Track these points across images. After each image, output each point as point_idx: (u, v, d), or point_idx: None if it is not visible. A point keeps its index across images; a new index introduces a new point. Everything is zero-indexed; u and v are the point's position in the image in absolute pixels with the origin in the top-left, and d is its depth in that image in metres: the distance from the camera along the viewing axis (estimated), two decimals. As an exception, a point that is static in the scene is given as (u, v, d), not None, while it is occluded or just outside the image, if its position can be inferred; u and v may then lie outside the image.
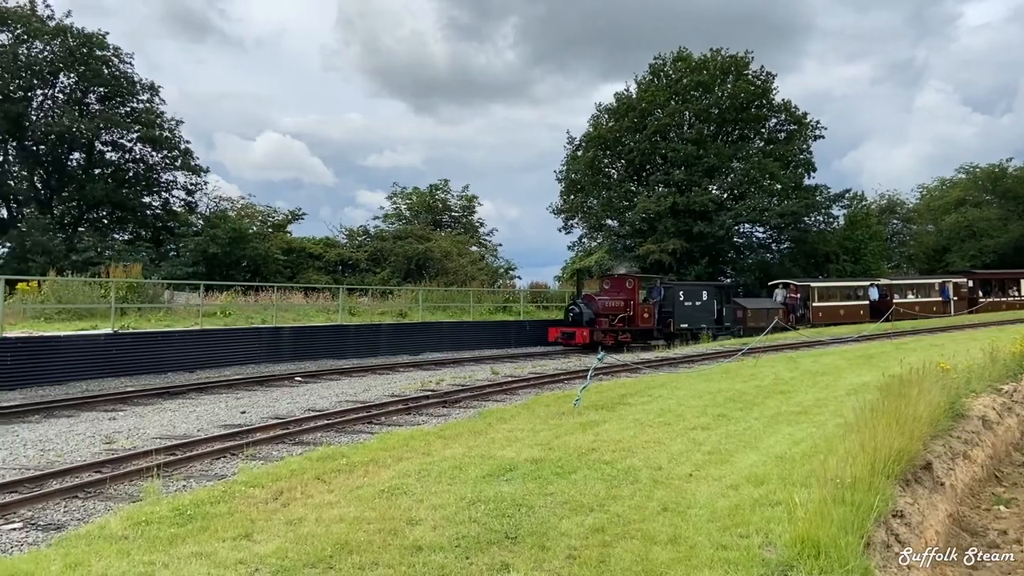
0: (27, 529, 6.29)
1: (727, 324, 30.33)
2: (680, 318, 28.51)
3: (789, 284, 35.56)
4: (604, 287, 28.34)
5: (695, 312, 29.03)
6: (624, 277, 28.45)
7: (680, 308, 28.55)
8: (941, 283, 41.44)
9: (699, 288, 29.92)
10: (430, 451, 8.65)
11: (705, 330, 29.26)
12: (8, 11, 37.45)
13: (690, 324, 28.85)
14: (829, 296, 36.05)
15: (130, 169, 41.77)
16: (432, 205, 48.85)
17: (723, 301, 30.57)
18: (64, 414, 12.44)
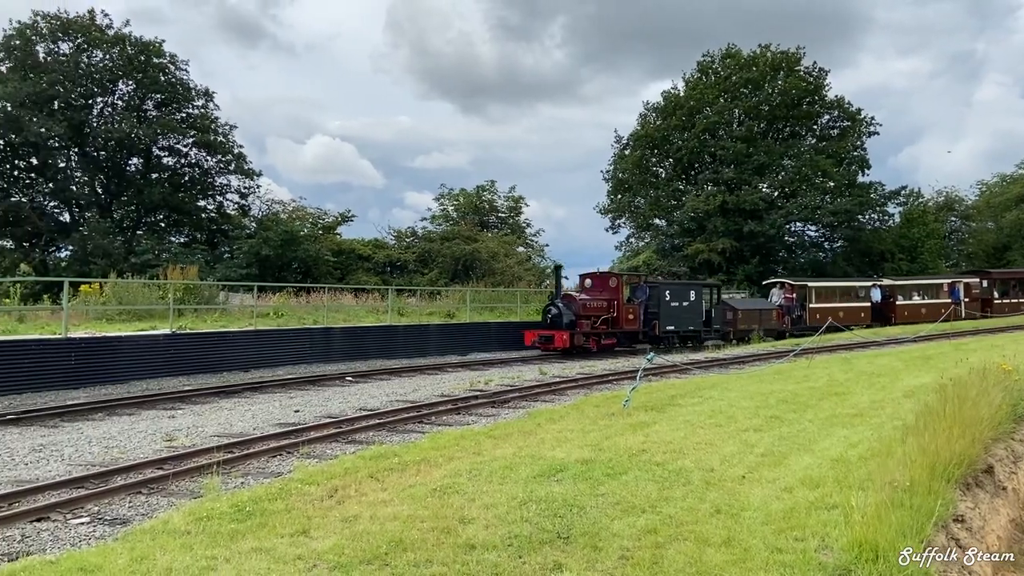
0: (94, 523, 6.52)
1: (716, 327, 27.83)
2: (666, 320, 26.04)
3: (785, 284, 32.97)
4: (586, 286, 25.90)
5: (682, 313, 26.58)
6: (607, 275, 26.09)
7: (666, 309, 26.03)
8: (951, 283, 38.07)
9: (686, 287, 27.58)
10: (480, 451, 8.72)
11: (693, 333, 27.07)
12: (70, 21, 38.76)
13: (677, 326, 26.39)
14: (827, 297, 33.32)
15: (186, 173, 42.87)
16: (479, 206, 49.09)
17: (712, 302, 28.25)
18: (126, 412, 12.82)
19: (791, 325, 30.44)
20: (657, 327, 25.63)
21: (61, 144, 39.26)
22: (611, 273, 26.34)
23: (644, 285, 26.23)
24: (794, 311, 31.07)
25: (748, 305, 30.07)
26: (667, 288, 26.44)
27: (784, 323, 30.19)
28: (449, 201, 49.54)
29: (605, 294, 25.06)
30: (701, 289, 28.03)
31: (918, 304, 36.04)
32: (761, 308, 29.87)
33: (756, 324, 28.69)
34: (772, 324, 29.40)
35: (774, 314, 29.74)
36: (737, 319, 28.27)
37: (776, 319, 29.66)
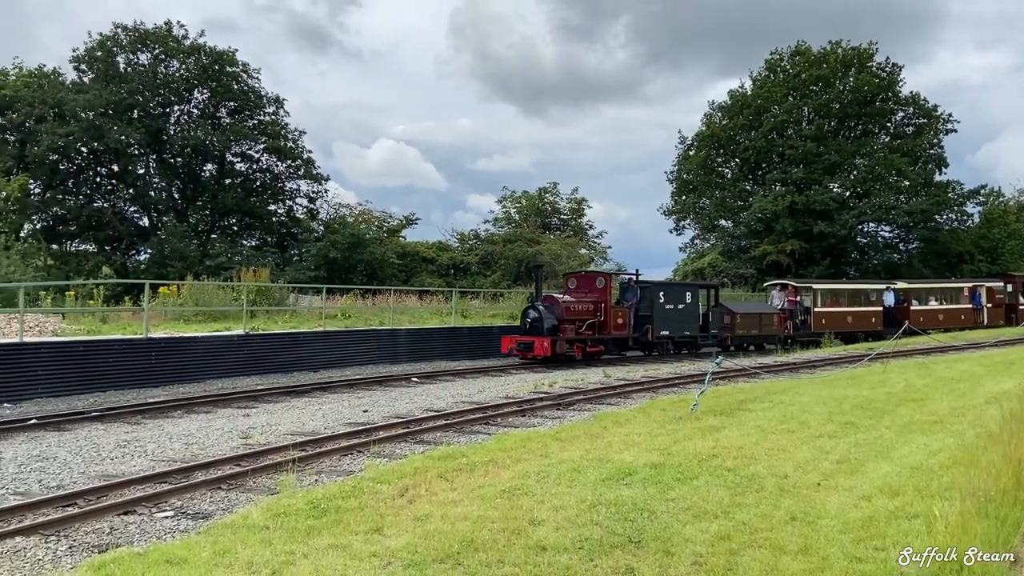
0: (178, 517, 6.76)
1: (713, 332, 25.42)
2: (660, 324, 23.74)
3: (787, 285, 29.86)
4: (570, 286, 23.56)
5: (677, 317, 24.24)
6: (593, 275, 23.80)
7: (660, 312, 23.73)
8: (972, 287, 35.18)
9: (682, 289, 25.25)
10: (547, 453, 8.73)
11: (689, 338, 24.96)
12: (148, 33, 40.28)
13: (671, 331, 24.16)
14: (835, 300, 30.21)
15: (257, 179, 44.08)
16: (541, 208, 49.15)
17: (709, 304, 25.91)
18: (203, 410, 13.25)
19: (793, 331, 28.04)
20: (650, 332, 23.51)
21: (140, 151, 40.85)
22: (598, 272, 24.31)
23: (635, 286, 24.22)
24: (798, 315, 28.57)
25: (747, 309, 27.63)
26: (660, 289, 24.36)
27: (786, 328, 27.76)
28: (511, 203, 49.75)
29: (591, 296, 22.69)
30: (697, 290, 25.89)
31: (935, 310, 33.21)
32: (762, 312, 27.35)
33: (756, 329, 26.46)
34: (773, 329, 27.04)
35: (775, 319, 27.25)
36: (735, 323, 25.95)
37: (777, 324, 27.26)
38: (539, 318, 21.01)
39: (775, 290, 29.90)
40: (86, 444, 10.05)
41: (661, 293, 23.99)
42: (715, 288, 27.00)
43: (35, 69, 40.41)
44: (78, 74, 40.23)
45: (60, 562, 5.56)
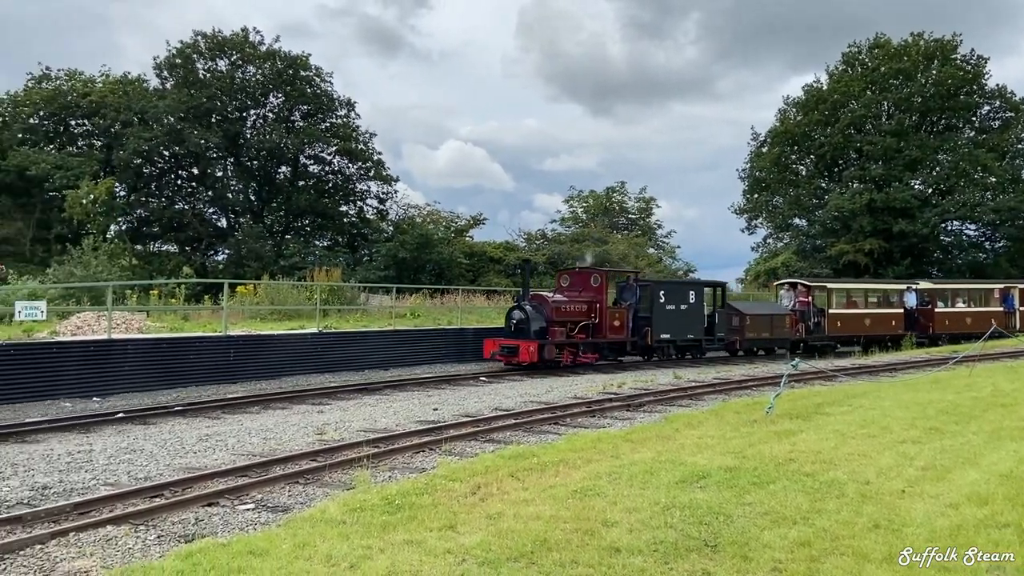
0: (258, 510, 6.96)
1: (720, 335, 23.43)
2: (660, 327, 21.71)
3: (798, 284, 27.27)
4: (562, 284, 21.48)
5: (680, 319, 22.20)
6: (588, 272, 21.48)
7: (661, 313, 21.72)
8: (1004, 289, 32.33)
9: (685, 288, 23.13)
10: (618, 454, 8.67)
11: (693, 342, 22.91)
12: (225, 39, 41.59)
13: (673, 334, 22.10)
14: (852, 301, 27.79)
15: (329, 180, 45.05)
16: (609, 207, 48.89)
17: (716, 305, 23.84)
18: (279, 406, 13.60)
19: (806, 334, 25.95)
20: (650, 335, 21.50)
21: (218, 154, 42.24)
22: (593, 269, 21.92)
23: (634, 284, 22.17)
24: (811, 316, 26.27)
25: (757, 310, 25.62)
26: (662, 288, 22.25)
27: (798, 331, 25.66)
28: (578, 203, 49.64)
29: (585, 295, 20.67)
30: (702, 290, 23.61)
31: (962, 312, 30.44)
32: (773, 314, 25.38)
33: (767, 332, 24.66)
34: (785, 332, 25.05)
35: (787, 320, 25.22)
36: (745, 326, 24.09)
37: (789, 326, 25.23)
38: (525, 319, 19.09)
39: (783, 289, 27.71)
40: (170, 437, 10.43)
41: (662, 292, 21.99)
42: (722, 287, 24.79)
43: (120, 77, 42.23)
44: (160, 81, 41.86)
45: (149, 551, 5.78)
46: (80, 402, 13.82)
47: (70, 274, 26.06)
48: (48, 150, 39.26)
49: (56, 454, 9.24)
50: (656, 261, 44.55)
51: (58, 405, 13.42)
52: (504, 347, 19.06)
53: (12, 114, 40.32)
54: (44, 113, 40.76)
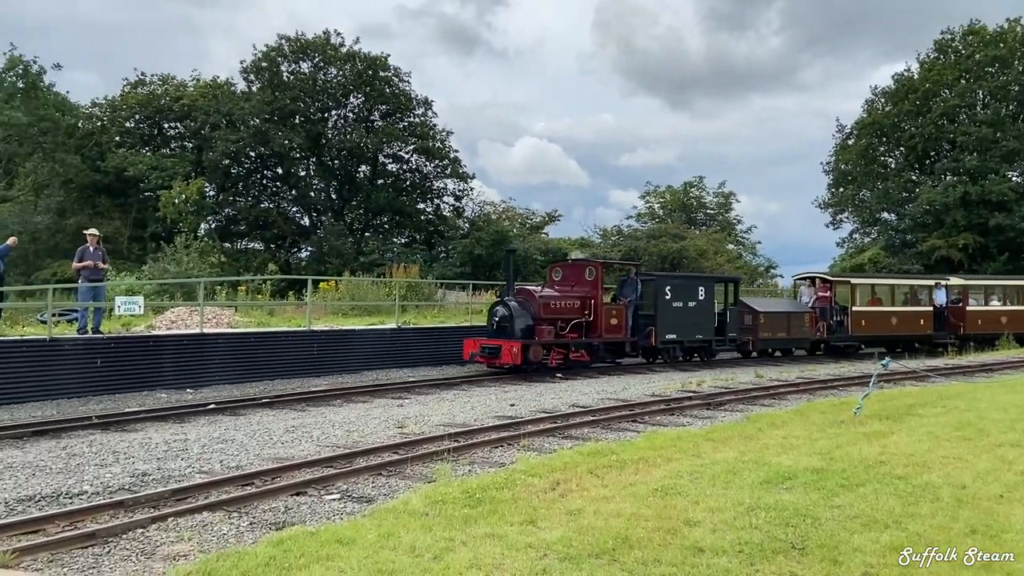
0: (344, 500, 7.14)
1: (731, 335, 21.52)
2: (665, 326, 19.85)
3: (817, 280, 25.13)
4: (554, 278, 19.58)
5: (687, 317, 20.34)
6: (582, 264, 19.63)
7: (666, 311, 19.87)
8: None
9: (693, 283, 21.03)
10: (699, 453, 8.55)
11: (701, 343, 20.99)
12: (308, 42, 42.71)
13: (679, 334, 20.25)
14: (877, 298, 25.45)
15: (407, 178, 45.79)
16: (686, 203, 48.16)
17: (727, 302, 21.96)
18: (361, 399, 13.91)
19: (828, 333, 23.96)
20: (654, 335, 19.63)
21: (301, 154, 43.45)
22: (587, 261, 19.90)
23: (634, 278, 20.09)
24: (832, 315, 24.20)
25: (773, 307, 23.68)
26: (667, 283, 20.24)
27: (818, 331, 23.72)
28: (655, 198, 49.05)
29: (578, 290, 18.71)
30: (712, 285, 21.61)
31: (996, 311, 27.54)
32: (791, 312, 23.45)
33: (783, 332, 22.81)
34: (804, 332, 23.24)
35: (807, 319, 23.33)
36: (759, 325, 22.24)
37: (809, 325, 23.35)
38: (508, 317, 17.26)
39: (804, 285, 25.57)
40: (259, 428, 10.80)
41: (667, 288, 20.05)
42: (734, 282, 22.92)
43: (210, 81, 43.85)
44: (247, 84, 43.29)
45: (243, 537, 6.00)
46: (175, 393, 14.45)
47: (164, 270, 27.25)
48: (144, 152, 41.11)
49: (154, 442, 9.69)
50: (736, 257, 43.65)
51: (154, 396, 14.06)
52: (485, 348, 17.26)
53: (111, 118, 42.37)
54: (140, 117, 42.70)
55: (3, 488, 7.36)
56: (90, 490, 7.34)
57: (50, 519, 6.29)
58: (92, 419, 11.06)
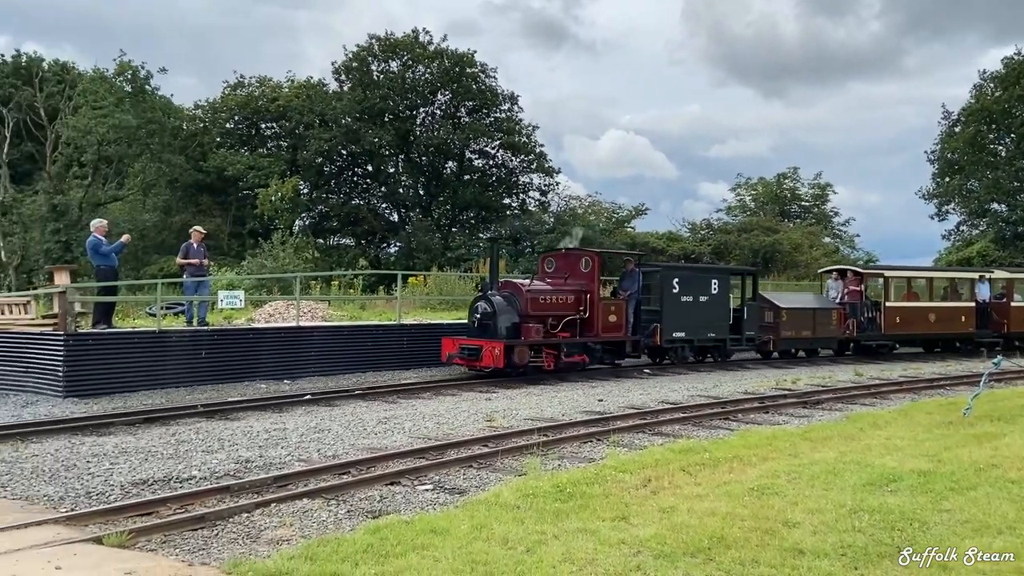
0: (437, 491, 7.26)
1: (748, 333, 19.42)
2: (672, 323, 17.92)
3: (848, 272, 23.09)
4: (546, 269, 17.64)
5: (698, 313, 18.39)
6: (576, 254, 17.47)
7: (672, 306, 17.91)
8: None
9: (704, 275, 19.17)
10: (797, 452, 8.32)
11: (714, 342, 18.98)
12: (397, 41, 43.49)
13: (689, 332, 18.29)
14: (913, 293, 23.22)
15: (493, 174, 46.08)
16: (780, 195, 46.78)
17: (744, 296, 19.86)
18: (449, 393, 14.09)
19: (857, 331, 21.73)
20: (659, 333, 17.65)
21: (390, 152, 44.32)
22: (583, 251, 17.80)
23: (636, 270, 17.97)
24: (863, 311, 22.05)
25: (797, 302, 21.41)
26: (673, 275, 18.30)
27: (847, 328, 21.48)
28: (746, 191, 47.86)
29: (572, 283, 16.77)
30: (727, 278, 19.63)
31: None
32: (816, 308, 21.24)
33: (808, 330, 20.69)
34: (830, 330, 21.07)
35: (834, 316, 21.19)
36: (780, 323, 20.13)
37: (837, 323, 21.20)
38: (491, 313, 15.48)
39: (831, 279, 23.30)
40: (353, 419, 11.08)
41: (674, 280, 18.05)
42: (752, 275, 20.72)
43: (304, 81, 45.19)
44: (338, 84, 44.43)
45: (341, 524, 6.18)
46: (273, 384, 14.98)
47: (261, 266, 28.30)
48: (242, 152, 42.74)
49: (255, 431, 10.08)
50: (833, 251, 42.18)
51: (254, 386, 14.60)
52: (464, 348, 15.50)
53: (212, 119, 44.22)
54: (238, 118, 44.38)
55: (119, 472, 7.80)
56: (198, 475, 7.69)
57: (162, 502, 6.63)
58: (198, 407, 11.59)
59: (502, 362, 14.90)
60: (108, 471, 7.81)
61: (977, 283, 24.29)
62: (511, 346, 15.15)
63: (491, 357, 14.95)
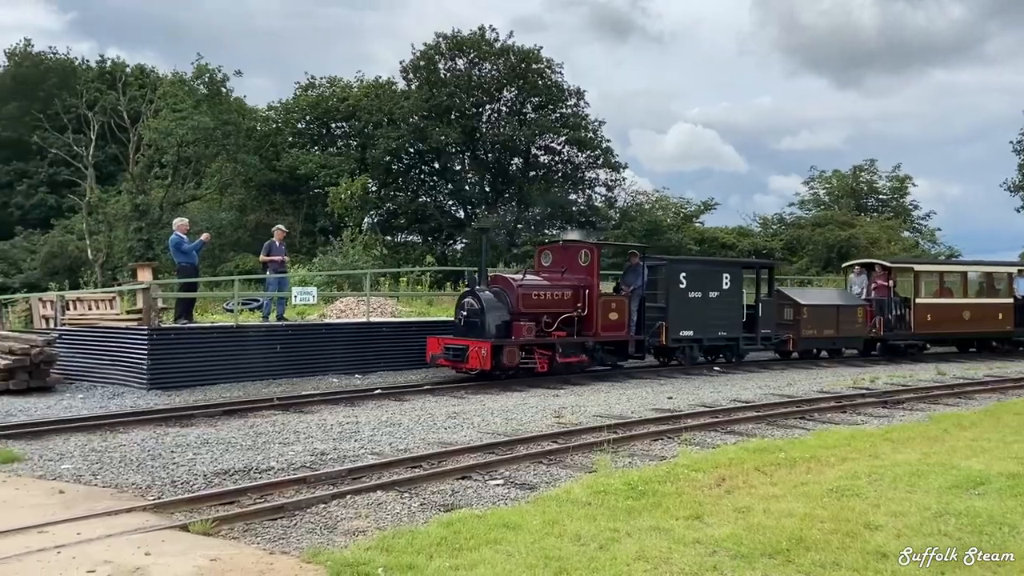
0: (507, 486, 7.28)
1: (764, 331, 17.97)
2: (679, 320, 16.65)
3: (874, 266, 21.48)
4: (542, 263, 16.54)
5: (708, 310, 17.03)
6: (575, 247, 16.27)
7: (679, 302, 16.65)
8: None
9: (715, 269, 17.75)
10: (877, 454, 8.07)
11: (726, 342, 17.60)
12: (464, 39, 43.77)
13: (697, 330, 16.99)
14: (946, 288, 21.62)
15: (559, 170, 45.98)
16: (856, 188, 45.36)
17: (759, 292, 18.34)
18: (516, 389, 14.09)
19: (885, 330, 20.17)
20: (664, 332, 16.43)
21: (456, 149, 44.65)
22: (581, 243, 16.56)
23: (640, 265, 16.69)
24: (891, 307, 20.50)
25: (818, 299, 20.06)
26: (681, 268, 17.02)
27: (874, 327, 19.93)
28: (820, 184, 46.54)
29: (570, 277, 15.61)
30: (740, 272, 18.10)
31: None
32: (840, 304, 19.78)
33: (831, 328, 19.24)
34: (855, 329, 19.58)
35: (859, 313, 19.69)
36: (801, 321, 18.74)
37: (862, 320, 19.68)
38: (479, 311, 14.33)
39: (854, 273, 21.74)
40: (422, 414, 11.22)
41: (682, 275, 16.79)
42: (768, 268, 19.24)
43: (372, 81, 45.92)
44: (406, 83, 44.98)
45: (414, 517, 6.26)
46: (344, 378, 15.27)
47: (332, 263, 28.88)
48: (313, 151, 43.70)
49: (329, 424, 10.30)
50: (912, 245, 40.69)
51: (327, 380, 14.92)
52: (449, 348, 14.35)
53: (284, 120, 45.35)
54: (310, 118, 45.39)
55: (201, 462, 8.08)
56: (276, 466, 7.90)
57: (243, 492, 6.83)
58: (274, 400, 11.91)
59: (489, 364, 13.73)
60: (191, 461, 8.10)
61: (1015, 278, 22.61)
62: (499, 346, 13.98)
63: (477, 358, 13.77)
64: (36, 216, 45.17)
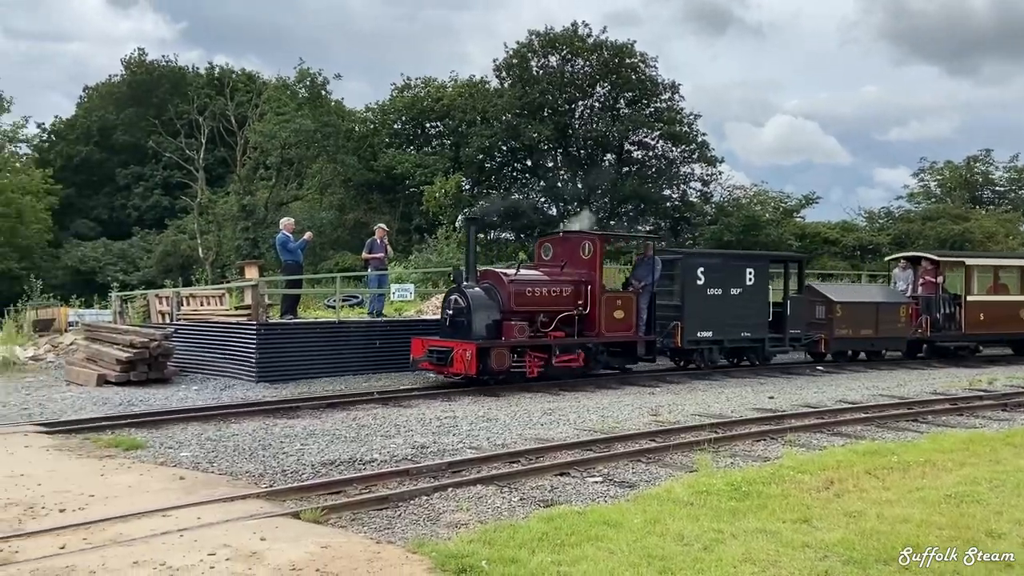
0: (606, 484, 7.25)
1: (793, 331, 16.52)
2: (696, 320, 15.26)
3: (921, 260, 19.60)
4: (542, 256, 15.27)
5: (728, 308, 15.53)
6: (576, 238, 14.87)
7: (696, 300, 15.24)
8: None
9: (737, 263, 16.26)
10: (998, 459, 7.66)
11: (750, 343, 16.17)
12: (556, 36, 43.73)
13: (717, 331, 15.55)
14: (1001, 284, 19.50)
15: (653, 165, 45.35)
16: (970, 180, 42.94)
17: (787, 289, 16.81)
18: (611, 386, 13.99)
19: (931, 330, 18.53)
20: (680, 333, 15.05)
21: (549, 146, 44.67)
22: (583, 234, 15.06)
23: (651, 259, 15.08)
24: (937, 307, 18.77)
25: (854, 296, 18.31)
26: (698, 263, 15.59)
27: (919, 327, 18.35)
28: (931, 176, 44.26)
29: (570, 271, 14.21)
30: (766, 267, 16.62)
31: None
32: (880, 302, 17.99)
33: (869, 328, 17.57)
34: (898, 329, 17.89)
35: (902, 312, 17.94)
36: (834, 320, 17.20)
37: (906, 319, 17.98)
38: (465, 309, 13.04)
39: (898, 268, 19.99)
40: (518, 410, 11.30)
41: (699, 270, 15.32)
42: (798, 262, 17.71)
43: (466, 80, 46.49)
44: (499, 81, 45.30)
45: (514, 511, 6.31)
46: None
47: (427, 260, 29.42)
48: (409, 151, 44.63)
49: (427, 418, 10.51)
50: (1033, 240, 38.24)
51: (424, 375, 15.22)
52: (433, 351, 13.16)
53: (381, 121, 46.47)
54: (405, 118, 46.36)
55: (309, 452, 8.39)
56: (379, 458, 8.12)
57: (348, 482, 7.05)
58: (374, 394, 12.23)
59: (474, 368, 12.48)
60: (299, 451, 8.42)
61: None
62: (486, 348, 12.70)
63: (461, 362, 12.53)
64: (152, 217, 47.92)
